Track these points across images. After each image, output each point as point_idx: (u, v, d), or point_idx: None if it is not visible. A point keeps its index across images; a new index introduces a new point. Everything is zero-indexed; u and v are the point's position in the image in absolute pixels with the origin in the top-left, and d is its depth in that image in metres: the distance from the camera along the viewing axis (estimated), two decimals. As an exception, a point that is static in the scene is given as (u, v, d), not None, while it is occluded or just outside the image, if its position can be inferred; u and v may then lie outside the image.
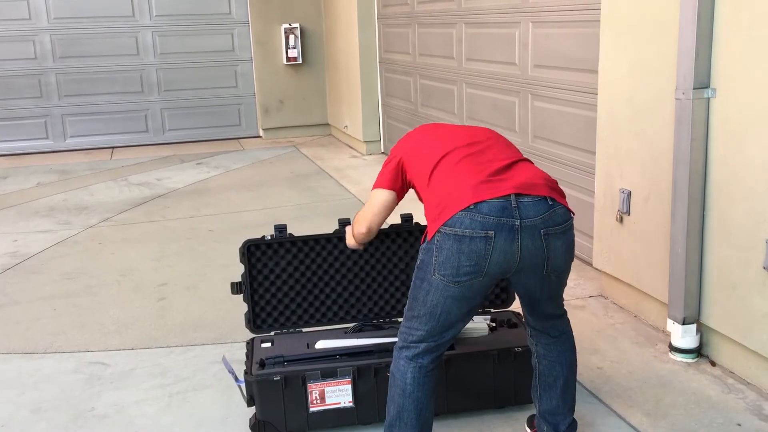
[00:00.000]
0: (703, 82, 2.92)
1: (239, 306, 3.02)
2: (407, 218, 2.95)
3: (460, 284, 2.12)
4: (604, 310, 3.72)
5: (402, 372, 2.26)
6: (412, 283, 2.25)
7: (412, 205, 2.78)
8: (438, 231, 2.12)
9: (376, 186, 2.46)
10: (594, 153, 3.83)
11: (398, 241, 2.98)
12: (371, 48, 7.70)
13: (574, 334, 2.47)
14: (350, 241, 2.67)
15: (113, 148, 8.73)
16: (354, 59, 7.82)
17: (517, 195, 2.11)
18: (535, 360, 2.48)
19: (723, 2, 2.83)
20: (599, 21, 3.63)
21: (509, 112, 4.98)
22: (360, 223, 2.52)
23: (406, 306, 2.29)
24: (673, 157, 3.10)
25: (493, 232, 2.07)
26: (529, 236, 2.10)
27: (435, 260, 2.13)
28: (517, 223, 2.09)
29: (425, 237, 2.21)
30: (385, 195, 2.44)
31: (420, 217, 2.60)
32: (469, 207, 2.08)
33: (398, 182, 2.43)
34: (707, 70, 2.92)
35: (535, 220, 2.10)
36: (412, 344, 2.26)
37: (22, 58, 8.34)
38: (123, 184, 6.88)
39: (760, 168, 2.74)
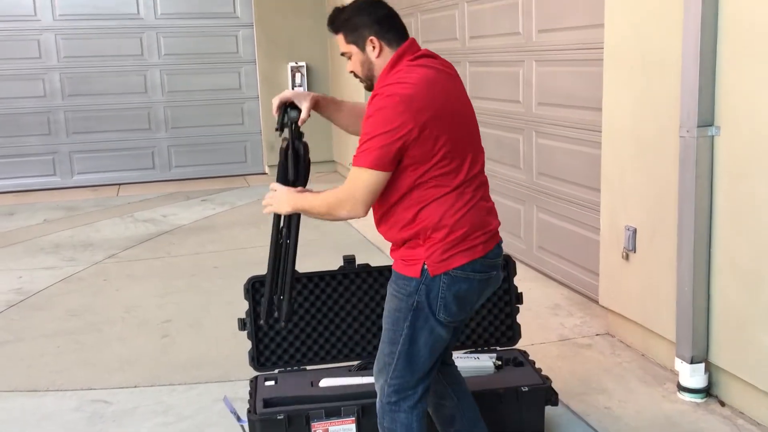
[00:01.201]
0: (706, 120, 2.94)
1: (243, 343, 3.00)
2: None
3: (459, 321, 2.16)
4: (611, 348, 3.68)
5: (406, 425, 2.17)
6: (404, 329, 2.10)
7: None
8: (446, 273, 2.06)
9: (360, 165, 2.01)
10: (599, 190, 3.83)
11: (403, 278, 2.96)
12: (376, 86, 7.76)
13: (582, 372, 2.45)
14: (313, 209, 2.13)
15: (120, 184, 8.78)
16: (359, 96, 7.88)
17: None
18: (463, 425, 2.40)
19: (725, 41, 2.85)
20: (602, 60, 3.66)
21: (513, 149, 5.00)
22: (349, 204, 2.05)
23: (395, 356, 2.13)
24: (678, 194, 3.10)
25: (495, 272, 2.16)
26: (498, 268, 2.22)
27: (440, 302, 2.07)
28: (500, 259, 2.21)
29: (422, 271, 2.05)
30: (382, 178, 2.02)
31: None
32: (483, 255, 2.11)
33: (395, 164, 2.02)
34: (711, 108, 2.93)
35: (500, 253, 2.22)
36: (410, 392, 2.17)
37: (32, 96, 8.44)
38: (129, 221, 6.90)
39: (766, 205, 2.73)
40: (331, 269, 2.94)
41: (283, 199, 2.19)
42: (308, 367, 2.96)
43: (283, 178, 2.26)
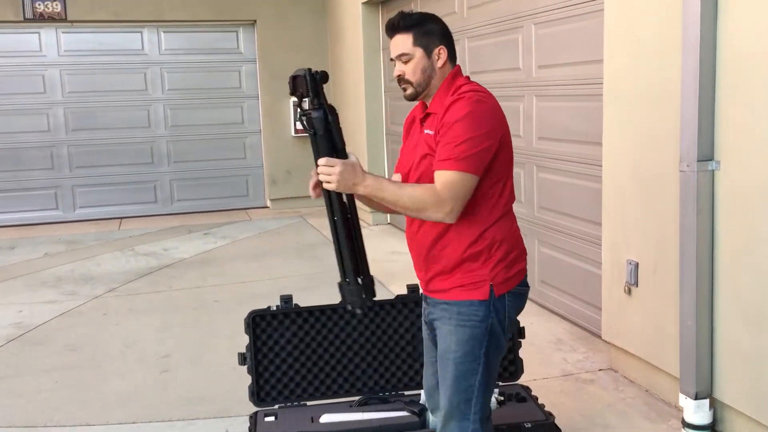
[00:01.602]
0: (706, 154, 2.95)
1: (243, 378, 2.97)
2: (413, 289, 2.94)
3: None
4: (614, 383, 3.65)
5: None
6: (481, 357, 2.05)
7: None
8: (510, 291, 2.09)
9: (462, 169, 1.96)
10: (600, 224, 3.83)
11: (404, 311, 2.95)
12: (378, 119, 7.83)
13: (585, 408, 2.43)
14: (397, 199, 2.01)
15: (122, 218, 8.80)
16: (361, 130, 7.94)
17: None
18: None
19: (724, 75, 2.88)
20: (602, 95, 3.69)
21: (515, 183, 5.01)
22: (446, 208, 1.97)
23: (474, 389, 2.07)
24: (679, 228, 3.09)
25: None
26: None
27: (508, 321, 2.10)
28: None
29: (490, 292, 2.03)
30: (474, 183, 2.00)
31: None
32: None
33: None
34: (710, 142, 2.94)
35: None
36: (488, 420, 2.17)
37: (36, 131, 8.50)
38: (130, 254, 6.89)
39: (768, 239, 2.73)
40: (333, 303, 2.93)
41: (350, 178, 1.98)
42: (309, 403, 2.93)
43: (331, 149, 2.01)
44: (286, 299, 2.90)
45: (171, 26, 8.73)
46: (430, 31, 2.13)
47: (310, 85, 1.99)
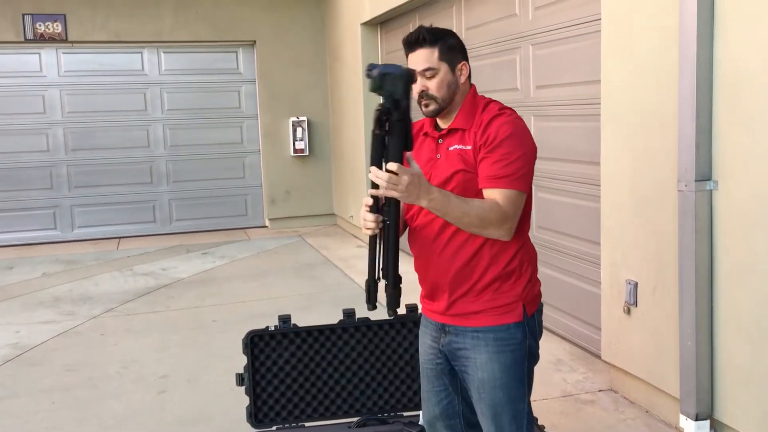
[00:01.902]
0: (704, 174, 2.95)
1: (241, 399, 2.96)
2: (412, 308, 2.93)
3: None
4: (614, 404, 3.62)
5: None
6: (524, 380, 2.05)
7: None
8: (537, 310, 2.10)
9: (519, 188, 1.96)
10: (599, 243, 3.83)
11: (403, 332, 2.94)
12: (377, 140, 7.83)
13: (585, 429, 2.41)
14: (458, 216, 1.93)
15: (120, 238, 8.79)
16: (359, 151, 7.95)
17: None
18: None
19: (721, 95, 2.89)
20: (600, 115, 3.70)
21: (513, 202, 5.01)
22: (508, 225, 1.95)
23: (524, 414, 2.06)
24: (678, 248, 3.09)
25: None
26: None
27: (538, 338, 2.10)
28: None
29: (523, 312, 2.01)
30: (524, 200, 2.01)
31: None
32: None
33: None
34: (708, 162, 2.95)
35: None
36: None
37: (35, 151, 8.52)
38: (128, 274, 6.88)
39: (767, 257, 2.73)
40: (331, 323, 2.92)
41: (416, 190, 1.84)
42: (307, 424, 2.91)
43: (400, 155, 1.86)
44: (285, 319, 2.89)
45: (171, 47, 8.78)
46: (453, 46, 2.07)
47: (406, 86, 1.86)
